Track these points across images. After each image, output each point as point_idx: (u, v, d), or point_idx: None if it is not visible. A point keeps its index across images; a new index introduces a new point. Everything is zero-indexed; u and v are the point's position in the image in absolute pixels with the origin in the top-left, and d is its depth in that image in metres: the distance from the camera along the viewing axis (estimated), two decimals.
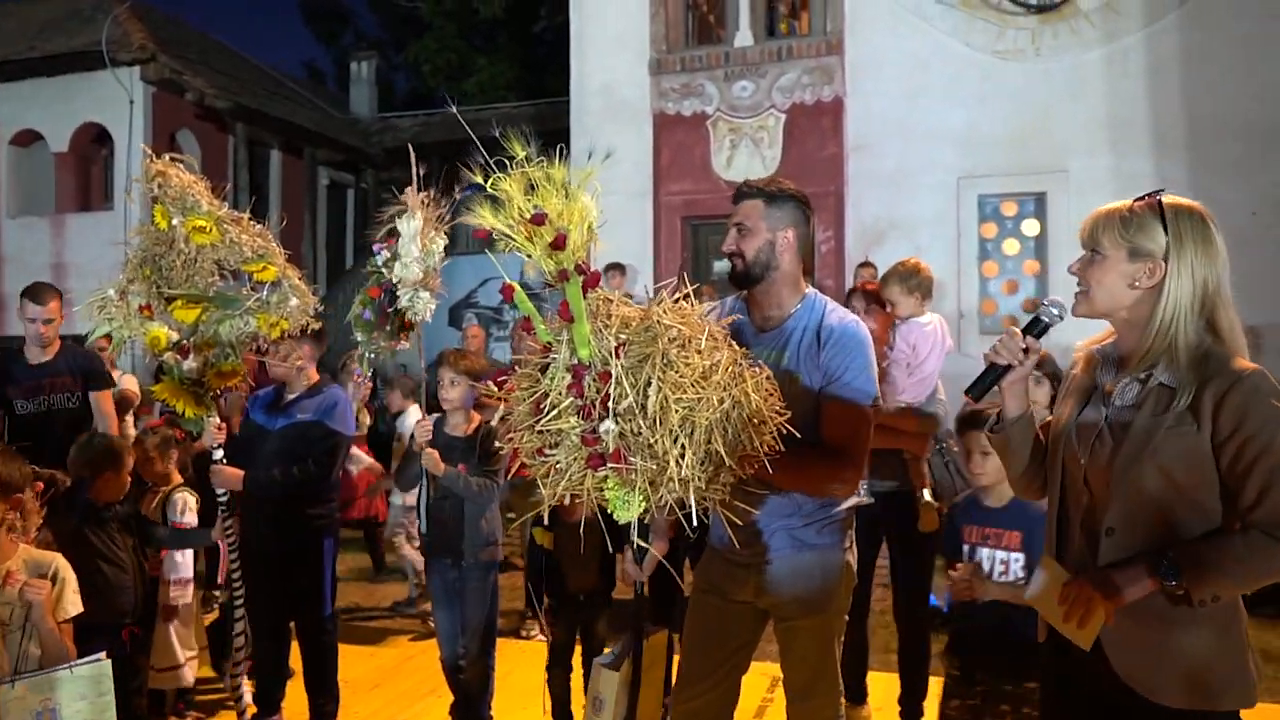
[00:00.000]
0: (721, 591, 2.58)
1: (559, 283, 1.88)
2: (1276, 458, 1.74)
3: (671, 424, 1.80)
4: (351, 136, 15.97)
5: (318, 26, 25.11)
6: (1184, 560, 1.75)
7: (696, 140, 9.61)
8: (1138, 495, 1.83)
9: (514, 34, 19.31)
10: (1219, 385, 1.77)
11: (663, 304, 1.94)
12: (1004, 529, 2.88)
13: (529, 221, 1.87)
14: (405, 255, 3.14)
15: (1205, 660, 1.81)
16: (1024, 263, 9.07)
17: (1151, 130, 8.51)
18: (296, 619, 3.88)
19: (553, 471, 1.89)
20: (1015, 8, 8.87)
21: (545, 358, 1.94)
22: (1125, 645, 1.86)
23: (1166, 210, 1.86)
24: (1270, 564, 1.75)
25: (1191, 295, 1.83)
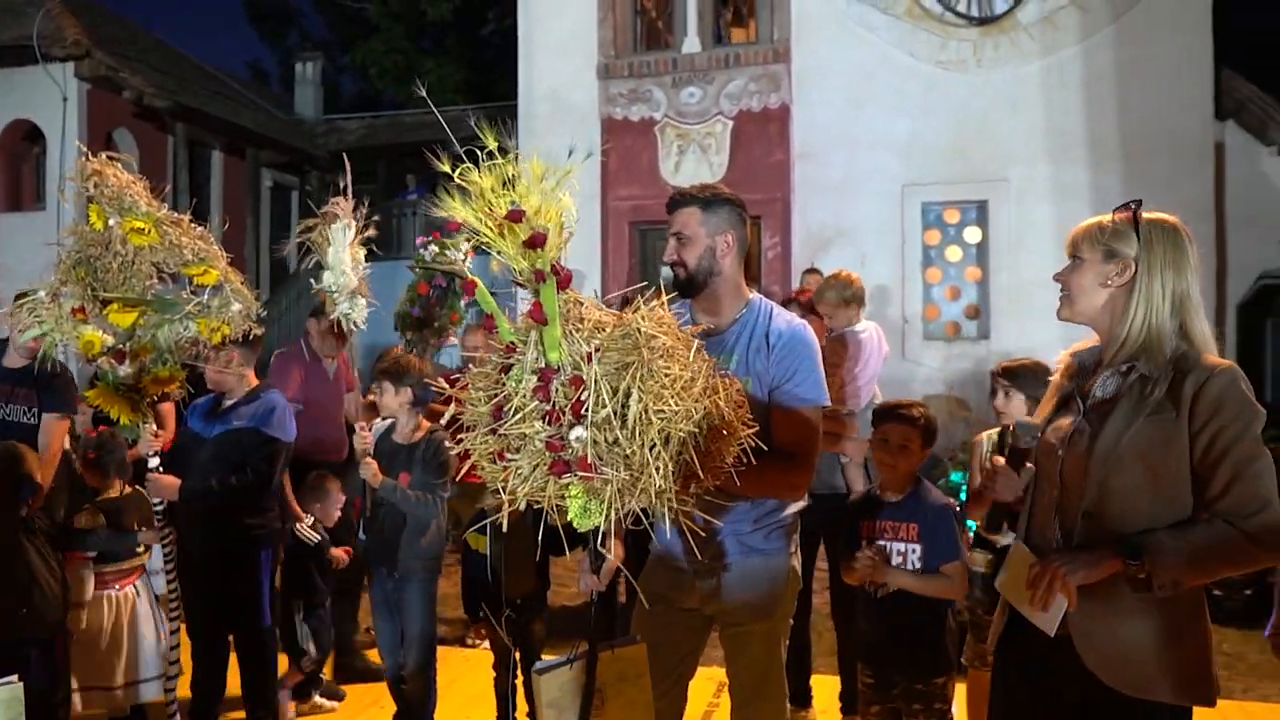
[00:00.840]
0: (668, 600, 2.57)
1: (534, 283, 1.81)
2: (1246, 450, 1.81)
3: (651, 435, 1.76)
4: (296, 138, 15.73)
5: (262, 27, 24.67)
6: (1148, 544, 1.80)
7: (644, 146, 9.63)
8: (1115, 480, 1.89)
9: (462, 37, 19.18)
10: (1198, 376, 1.85)
11: (640, 311, 1.89)
12: (902, 521, 2.96)
13: (505, 217, 1.80)
14: (337, 264, 3.09)
15: (1168, 653, 1.86)
16: (966, 269, 9.24)
17: (1088, 142, 8.73)
18: (234, 630, 3.80)
19: (512, 476, 1.84)
20: (957, 20, 9.05)
21: (508, 358, 1.87)
22: (1092, 635, 1.90)
23: (1141, 219, 1.95)
24: (1232, 554, 1.81)
25: (1162, 297, 1.91)
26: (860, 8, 9.22)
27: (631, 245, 9.84)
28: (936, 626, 2.92)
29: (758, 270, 9.44)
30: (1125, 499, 1.89)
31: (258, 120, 15.09)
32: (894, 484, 3.03)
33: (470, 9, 17.75)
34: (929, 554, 2.90)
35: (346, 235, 3.16)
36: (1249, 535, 1.79)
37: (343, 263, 3.16)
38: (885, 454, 3.04)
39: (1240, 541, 1.79)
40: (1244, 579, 5.77)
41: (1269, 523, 1.80)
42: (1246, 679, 4.76)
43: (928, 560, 2.90)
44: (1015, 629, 2.00)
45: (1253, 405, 1.84)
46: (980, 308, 9.14)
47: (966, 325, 9.23)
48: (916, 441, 2.99)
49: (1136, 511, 1.87)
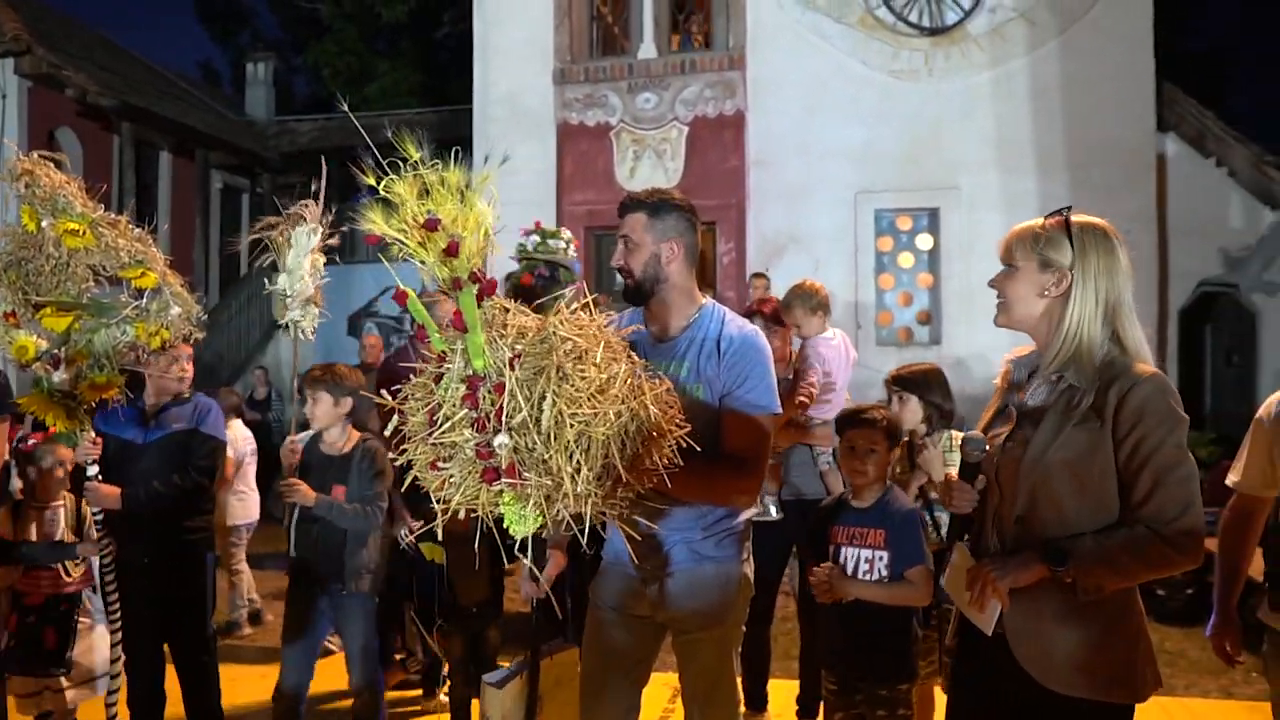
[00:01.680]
0: (619, 606, 2.55)
1: (452, 291, 1.81)
2: (1167, 457, 1.84)
3: (566, 439, 1.75)
4: (247, 139, 15.49)
5: (213, 26, 24.29)
6: (1072, 549, 1.84)
7: (600, 150, 9.62)
8: (1044, 487, 1.92)
9: (417, 39, 19.05)
10: (1122, 385, 1.87)
11: (560, 315, 1.88)
12: (869, 528, 2.94)
13: (421, 227, 1.80)
14: (295, 269, 3.01)
15: (1096, 652, 1.89)
16: (918, 275, 9.36)
17: (1035, 151, 8.90)
18: (173, 640, 3.70)
19: (447, 485, 1.83)
20: (910, 30, 9.17)
21: (440, 367, 1.87)
22: (1025, 635, 1.94)
23: (1073, 226, 1.96)
24: (1151, 558, 1.84)
25: (1095, 305, 1.93)
26: (815, 17, 9.32)
27: (587, 250, 9.82)
28: (900, 633, 2.91)
29: (713, 276, 9.48)
30: (1054, 505, 1.92)
31: (207, 121, 14.84)
32: (865, 489, 3.02)
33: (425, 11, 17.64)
34: (895, 560, 2.88)
35: (310, 240, 3.06)
36: (1168, 540, 1.82)
37: (301, 268, 3.06)
38: (854, 460, 3.01)
39: (1159, 546, 1.83)
40: (1185, 579, 5.90)
41: (1186, 528, 1.83)
42: (1188, 675, 4.87)
43: (894, 566, 2.89)
44: (967, 628, 2.04)
45: (1174, 414, 1.86)
46: (932, 313, 9.27)
47: (919, 330, 9.35)
48: (883, 444, 2.99)
49: (1064, 517, 1.91)
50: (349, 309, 13.43)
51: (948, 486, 2.11)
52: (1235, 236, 9.20)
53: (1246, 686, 4.65)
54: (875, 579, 2.90)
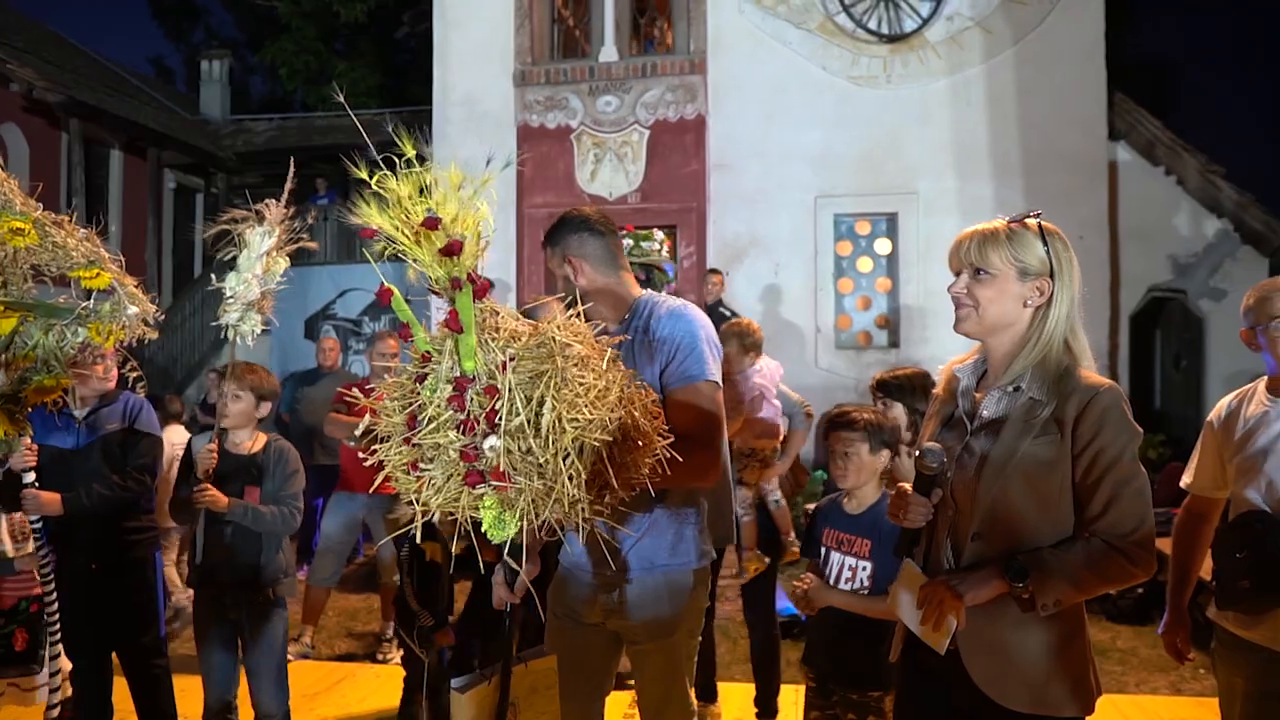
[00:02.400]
0: (575, 615, 2.53)
1: (450, 291, 1.78)
2: (1124, 470, 1.83)
3: (564, 444, 1.74)
4: (201, 139, 15.24)
5: (167, 22, 23.89)
6: (1032, 564, 1.82)
7: (560, 153, 9.60)
8: (1003, 502, 1.89)
9: (376, 40, 18.88)
10: (1081, 397, 1.86)
11: (556, 321, 1.87)
12: (856, 536, 2.90)
13: (422, 225, 1.76)
14: (245, 270, 2.91)
15: (1052, 667, 1.88)
16: (876, 280, 9.45)
17: (991, 157, 9.03)
18: (122, 647, 3.60)
19: (425, 487, 1.80)
20: (869, 36, 9.27)
21: (422, 367, 1.84)
22: (979, 651, 1.91)
23: (1045, 231, 1.94)
24: (1109, 572, 1.83)
25: (1066, 314, 1.92)
26: (775, 22, 9.38)
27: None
28: (876, 642, 2.78)
29: (674, 279, 9.50)
30: (1012, 520, 1.90)
31: (160, 119, 14.58)
32: (855, 493, 2.95)
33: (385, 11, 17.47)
34: (879, 573, 2.81)
35: (265, 242, 2.94)
36: (1125, 553, 1.82)
37: (251, 270, 2.96)
38: (834, 462, 2.96)
39: (1118, 560, 1.82)
40: None
41: (1142, 540, 1.84)
42: (1139, 673, 4.96)
43: (878, 578, 2.81)
44: (914, 643, 2.01)
45: (1131, 426, 1.87)
46: (890, 317, 9.36)
47: (877, 334, 9.44)
48: (859, 446, 2.91)
49: (1023, 532, 1.89)
50: (306, 311, 13.26)
51: (901, 499, 2.04)
52: (1183, 243, 9.40)
53: (1195, 683, 4.75)
54: (857, 588, 2.85)
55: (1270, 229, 9.20)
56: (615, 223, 2.63)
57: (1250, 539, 2.45)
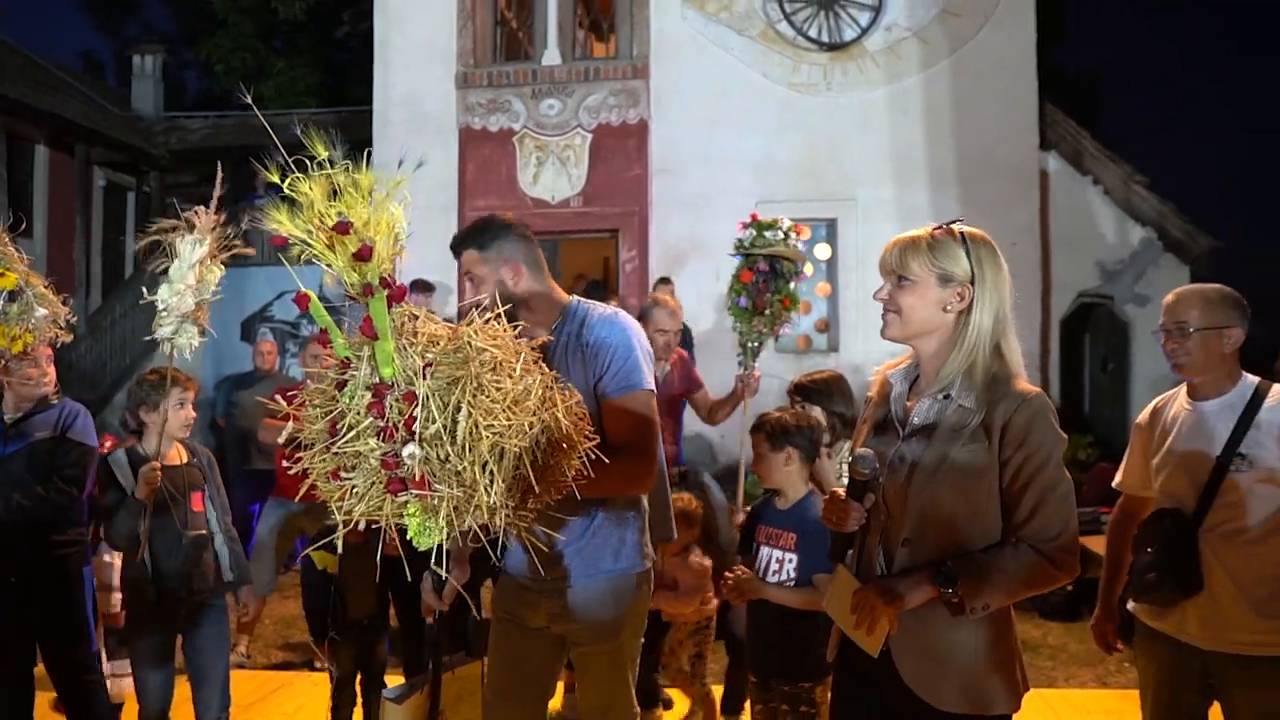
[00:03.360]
0: (518, 618, 2.54)
1: (362, 297, 1.75)
2: (1049, 477, 1.88)
3: (481, 451, 1.72)
4: (133, 136, 14.84)
5: (97, 15, 23.25)
6: (961, 570, 1.85)
7: (503, 156, 9.57)
8: (932, 508, 1.93)
9: (315, 37, 18.59)
10: (1008, 406, 1.89)
11: (473, 324, 1.85)
12: (783, 530, 3.01)
13: (332, 229, 1.73)
14: (178, 281, 2.80)
15: (980, 667, 1.93)
16: (816, 285, 9.58)
17: (928, 165, 9.22)
18: (51, 662, 3.50)
19: (349, 495, 1.77)
20: (809, 44, 9.40)
21: (343, 374, 1.81)
22: (910, 653, 1.95)
23: (968, 239, 1.97)
24: (1035, 576, 1.88)
25: (990, 320, 1.94)
26: (717, 28, 9.46)
27: None
28: (807, 632, 2.92)
29: (616, 283, 9.52)
30: (943, 526, 1.93)
31: (89, 114, 14.16)
32: (784, 491, 3.07)
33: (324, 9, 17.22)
34: (804, 565, 2.93)
35: (195, 251, 2.82)
36: (1050, 557, 1.86)
37: (184, 280, 2.83)
38: (753, 465, 3.13)
39: (1043, 563, 1.86)
40: None
41: (1066, 545, 1.88)
42: (1068, 668, 5.11)
43: (803, 570, 2.93)
44: (849, 644, 2.04)
45: (1056, 433, 1.91)
46: (830, 321, 9.49)
47: (817, 338, 9.57)
48: (764, 447, 3.04)
49: (952, 537, 1.92)
50: (242, 313, 13.00)
51: (834, 503, 2.06)
52: (1110, 251, 9.70)
53: (1120, 675, 4.91)
54: (784, 580, 2.97)
55: (1190, 237, 9.55)
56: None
57: (1159, 535, 2.57)
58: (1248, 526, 2.47)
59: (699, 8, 9.48)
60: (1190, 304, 2.59)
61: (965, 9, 9.17)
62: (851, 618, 1.92)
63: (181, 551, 3.28)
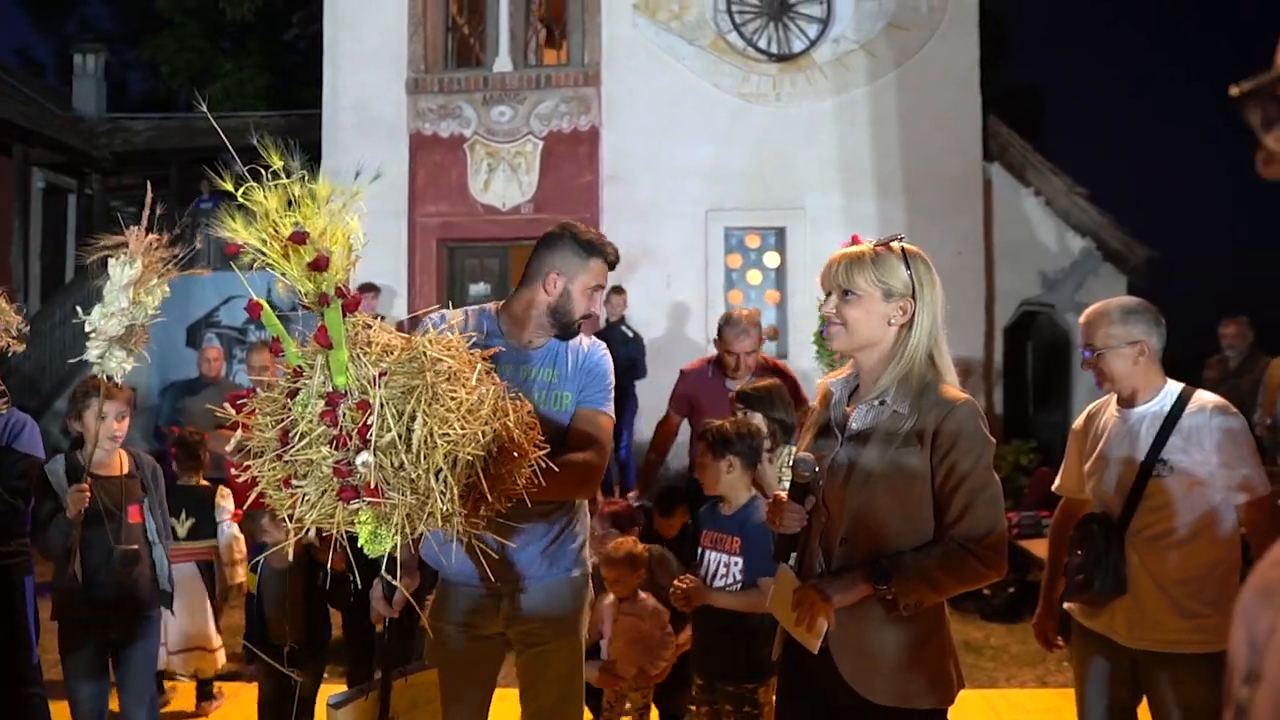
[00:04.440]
0: (468, 625, 2.56)
1: (319, 306, 1.77)
2: (978, 479, 1.96)
3: (436, 459, 1.75)
4: (74, 137, 14.50)
5: (34, 11, 22.69)
6: (895, 567, 1.94)
7: (453, 162, 9.54)
8: (868, 509, 2.01)
9: (264, 40, 18.36)
10: (940, 411, 1.98)
11: (428, 335, 1.89)
12: (728, 534, 3.08)
13: (289, 239, 1.75)
14: (110, 304, 2.70)
15: (912, 663, 2.00)
16: (766, 292, 9.69)
17: (875, 175, 9.38)
18: None
19: (300, 503, 1.79)
20: (759, 55, 9.52)
21: (294, 382, 1.82)
22: (848, 650, 2.03)
23: (907, 254, 2.07)
24: (964, 574, 1.97)
25: (928, 333, 2.04)
26: (669, 38, 9.54)
27: (440, 263, 9.71)
28: (749, 635, 3.00)
29: None
30: (877, 526, 2.02)
31: (27, 113, 13.82)
32: (728, 498, 3.13)
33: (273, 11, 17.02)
34: (749, 568, 3.00)
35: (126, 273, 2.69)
36: (979, 556, 1.94)
37: (116, 303, 2.72)
38: (696, 472, 3.23)
39: (972, 562, 1.95)
40: (1007, 579, 6.34)
41: (993, 544, 1.96)
42: (1009, 668, 5.22)
43: (748, 573, 3.00)
44: (792, 644, 2.12)
45: (985, 437, 1.99)
46: (779, 329, 9.60)
47: (767, 345, 9.64)
48: (707, 456, 3.12)
49: (886, 537, 2.01)
50: (188, 319, 12.78)
51: (776, 506, 2.15)
52: (1051, 260, 9.93)
53: (1059, 674, 5.04)
54: (730, 583, 3.04)
55: (1128, 248, 9.82)
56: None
57: (1088, 538, 2.67)
58: (1169, 530, 2.57)
59: (650, 16, 9.55)
60: (1096, 326, 2.69)
61: (911, 23, 9.36)
62: (793, 616, 2.00)
63: (113, 565, 3.24)
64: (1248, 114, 0.73)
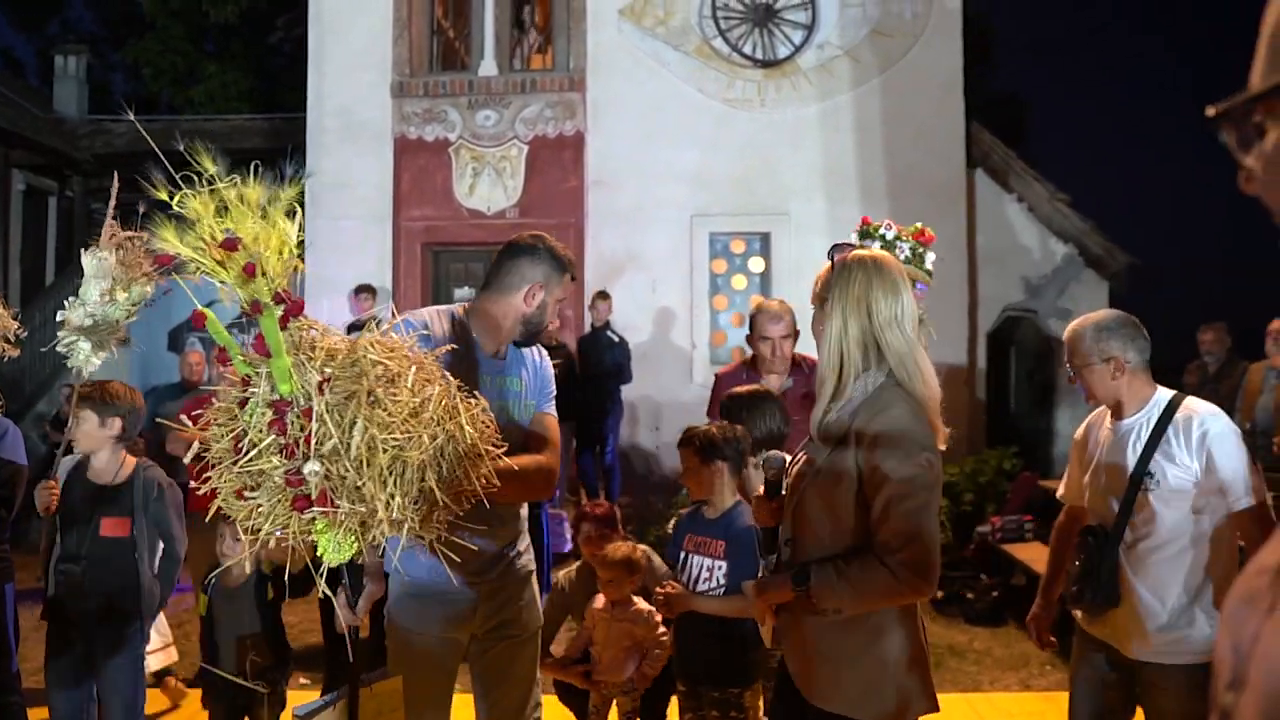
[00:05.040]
0: (441, 631, 2.58)
1: (253, 314, 1.73)
2: (896, 488, 1.90)
3: (380, 465, 1.72)
4: (55, 139, 14.38)
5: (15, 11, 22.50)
6: (816, 572, 1.95)
7: (438, 166, 9.52)
8: (803, 513, 2.06)
9: (248, 42, 18.28)
10: (869, 413, 1.97)
11: (370, 338, 1.85)
12: (712, 538, 3.08)
13: (220, 246, 1.71)
14: (86, 296, 2.67)
15: (845, 671, 1.99)
16: (751, 297, 9.67)
17: (859, 181, 9.42)
18: None
19: (255, 514, 1.76)
20: (743, 61, 9.54)
21: (244, 391, 1.79)
22: (791, 651, 2.09)
23: (835, 264, 2.11)
24: (879, 586, 1.91)
25: (841, 335, 2.02)
26: (654, 43, 9.56)
27: (424, 267, 9.68)
28: (733, 640, 3.00)
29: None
30: (811, 527, 2.04)
31: (8, 114, 13.70)
32: (712, 501, 3.13)
33: (257, 14, 16.96)
34: (733, 572, 3.00)
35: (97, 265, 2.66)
36: (892, 571, 1.87)
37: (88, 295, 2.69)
38: (682, 477, 3.20)
39: (885, 575, 1.87)
40: (990, 583, 6.37)
41: (907, 560, 1.87)
42: (993, 672, 5.25)
43: (732, 577, 2.99)
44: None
45: (910, 442, 1.91)
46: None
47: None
48: (694, 460, 3.10)
49: (819, 540, 2.01)
50: (170, 323, 12.69)
51: (756, 503, 2.27)
52: (1034, 266, 9.99)
53: (1042, 679, 5.07)
54: (714, 587, 3.03)
55: (1109, 254, 9.90)
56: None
57: (1082, 549, 2.71)
58: (1161, 543, 2.58)
59: (636, 22, 9.56)
60: (1074, 345, 2.72)
61: (895, 30, 9.40)
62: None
63: (94, 572, 3.20)
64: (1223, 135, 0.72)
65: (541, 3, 10.58)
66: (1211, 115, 0.72)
